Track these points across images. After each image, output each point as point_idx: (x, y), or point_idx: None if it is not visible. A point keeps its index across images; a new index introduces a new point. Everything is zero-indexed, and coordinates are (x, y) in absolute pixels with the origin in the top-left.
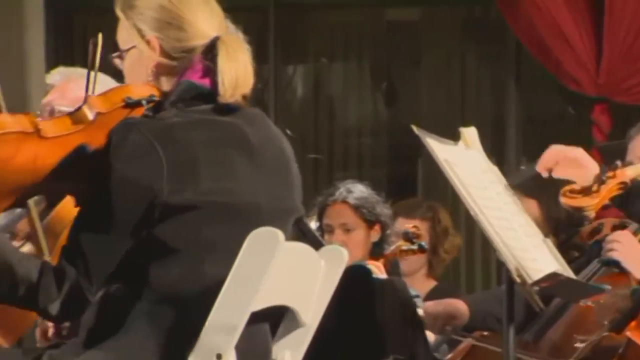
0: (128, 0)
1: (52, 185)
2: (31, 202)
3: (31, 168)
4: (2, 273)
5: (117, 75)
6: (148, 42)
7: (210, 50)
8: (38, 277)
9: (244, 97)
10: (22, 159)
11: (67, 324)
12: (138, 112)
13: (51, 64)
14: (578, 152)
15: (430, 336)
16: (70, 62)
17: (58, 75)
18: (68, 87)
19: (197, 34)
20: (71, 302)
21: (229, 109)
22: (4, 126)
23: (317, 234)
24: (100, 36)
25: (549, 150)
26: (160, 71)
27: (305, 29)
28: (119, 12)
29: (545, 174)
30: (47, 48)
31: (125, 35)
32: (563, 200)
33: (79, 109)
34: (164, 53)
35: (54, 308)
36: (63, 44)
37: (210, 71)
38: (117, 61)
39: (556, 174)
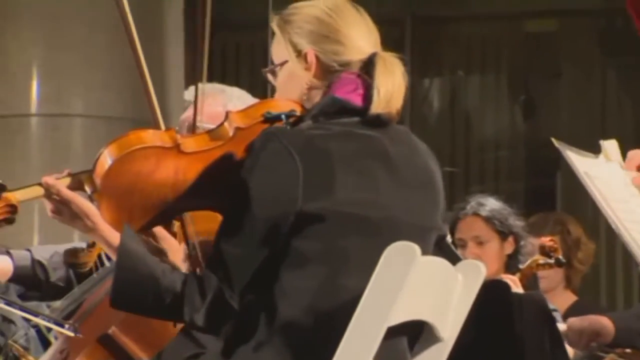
0: (285, 15)
1: (193, 200)
2: (187, 216)
3: (172, 183)
4: (147, 285)
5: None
6: (305, 55)
7: (366, 66)
8: (182, 287)
9: (394, 114)
10: (162, 174)
11: None
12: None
13: (190, 79)
14: None
15: (570, 351)
16: (209, 77)
17: (195, 91)
18: (205, 102)
19: (355, 48)
20: (215, 311)
21: (376, 123)
22: (144, 141)
23: (453, 248)
24: None
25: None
26: (314, 85)
27: (442, 42)
28: (274, 27)
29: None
30: (187, 63)
31: (280, 50)
32: None
33: (221, 125)
34: (320, 66)
35: (200, 319)
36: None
37: (362, 86)
38: (269, 76)
39: None
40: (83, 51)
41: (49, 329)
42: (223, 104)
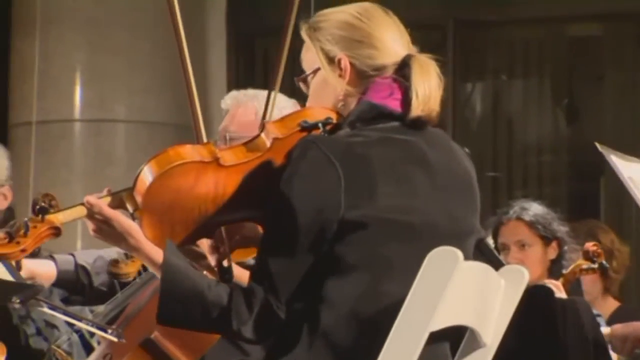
0: (314, 22)
1: (234, 211)
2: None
3: (212, 197)
4: (194, 301)
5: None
6: (338, 62)
7: (401, 69)
8: (228, 301)
9: (433, 116)
10: (203, 188)
11: None
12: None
13: (232, 86)
14: None
15: (613, 357)
16: (251, 84)
17: (230, 99)
18: (238, 112)
19: (389, 52)
20: (263, 322)
21: (414, 126)
22: (184, 156)
23: (495, 252)
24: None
25: None
26: (349, 92)
27: (485, 46)
28: (304, 36)
29: None
30: (229, 70)
31: (310, 57)
32: None
33: (257, 136)
34: (355, 72)
35: (248, 330)
36: (244, 66)
37: (398, 90)
38: (301, 84)
39: None
40: (126, 56)
41: (92, 334)
42: (255, 111)
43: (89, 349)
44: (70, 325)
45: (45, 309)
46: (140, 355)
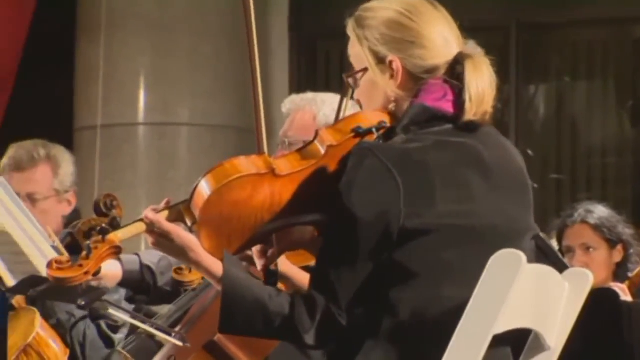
0: (360, 18)
1: (290, 218)
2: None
3: (268, 206)
4: (255, 312)
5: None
6: (390, 64)
7: (453, 67)
8: (290, 310)
9: (487, 115)
10: (259, 199)
11: None
12: (369, 139)
13: (294, 88)
14: None
15: None
16: (313, 86)
17: (289, 103)
18: (296, 116)
19: (440, 51)
20: (325, 329)
21: (468, 128)
22: (240, 169)
23: (559, 255)
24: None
25: None
26: (400, 94)
27: (548, 48)
28: (350, 32)
29: None
30: (291, 72)
31: (358, 53)
32: None
33: (311, 143)
34: (406, 74)
35: (310, 338)
36: (306, 68)
37: (451, 91)
38: (350, 81)
39: None
40: (189, 60)
41: (109, 326)
42: (313, 115)
43: (106, 342)
44: (136, 327)
45: (110, 311)
46: (203, 358)
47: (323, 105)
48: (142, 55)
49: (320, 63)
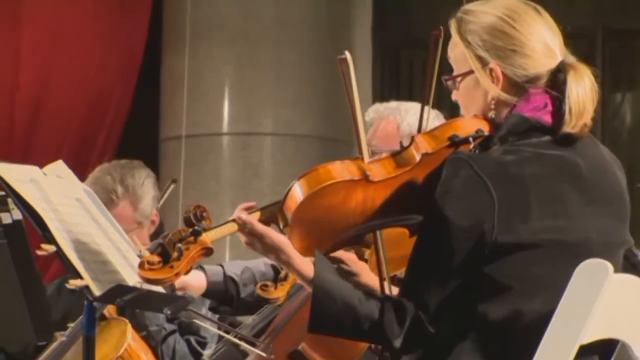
0: (463, 21)
1: (381, 222)
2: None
3: (361, 211)
4: (344, 314)
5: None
6: (490, 71)
7: (555, 76)
8: (379, 315)
9: (586, 127)
10: (351, 204)
11: None
12: (464, 148)
13: (377, 97)
14: None
15: None
16: (396, 95)
17: (372, 112)
18: (379, 125)
19: (542, 60)
20: (414, 336)
21: (567, 141)
22: (333, 175)
23: None
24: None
25: None
26: (502, 101)
27: (635, 55)
28: (453, 33)
29: None
30: (374, 81)
31: (458, 56)
32: None
33: (407, 149)
34: (507, 82)
35: (398, 342)
36: (389, 77)
37: (551, 102)
38: (449, 84)
39: None
40: (272, 70)
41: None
42: (397, 124)
43: (195, 357)
44: (221, 337)
45: (196, 320)
46: None
47: (407, 114)
48: (226, 65)
49: (403, 72)
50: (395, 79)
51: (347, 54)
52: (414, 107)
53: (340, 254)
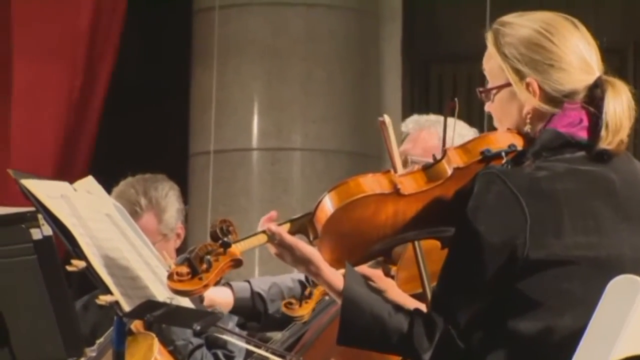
0: (499, 33)
1: (410, 235)
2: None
3: (391, 224)
4: (373, 326)
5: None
6: (527, 85)
7: (592, 91)
8: (409, 329)
9: (622, 144)
10: (382, 217)
11: None
12: (496, 163)
13: (407, 112)
14: None
15: None
16: (426, 109)
17: (412, 123)
18: (420, 136)
19: (579, 76)
20: (443, 351)
21: (602, 157)
22: (364, 189)
23: None
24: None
25: None
26: (535, 116)
27: None
28: (489, 45)
29: None
30: (404, 95)
31: (494, 68)
32: None
33: (439, 162)
34: (544, 96)
35: (427, 356)
36: (419, 92)
37: (587, 118)
38: (483, 96)
39: None
40: (301, 85)
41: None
42: (439, 137)
43: None
44: (251, 353)
45: (225, 336)
46: None
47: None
48: (255, 81)
49: (433, 87)
50: (425, 94)
51: (386, 117)
52: (458, 124)
53: (367, 270)
